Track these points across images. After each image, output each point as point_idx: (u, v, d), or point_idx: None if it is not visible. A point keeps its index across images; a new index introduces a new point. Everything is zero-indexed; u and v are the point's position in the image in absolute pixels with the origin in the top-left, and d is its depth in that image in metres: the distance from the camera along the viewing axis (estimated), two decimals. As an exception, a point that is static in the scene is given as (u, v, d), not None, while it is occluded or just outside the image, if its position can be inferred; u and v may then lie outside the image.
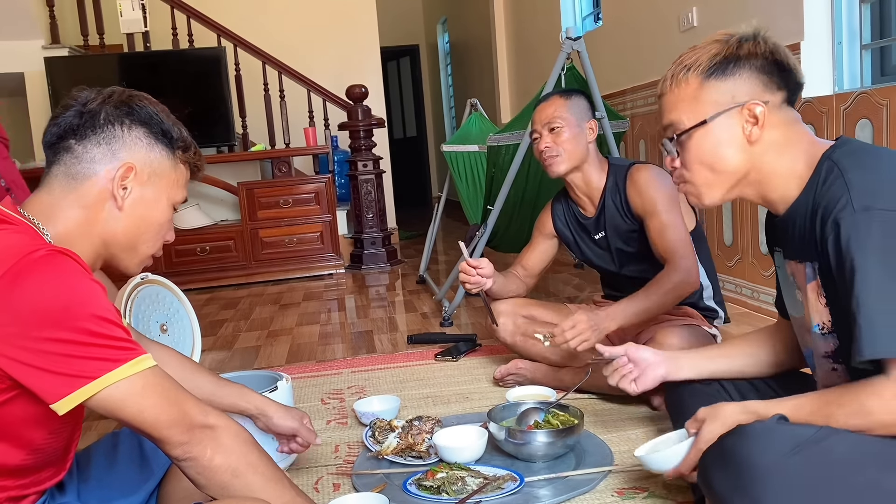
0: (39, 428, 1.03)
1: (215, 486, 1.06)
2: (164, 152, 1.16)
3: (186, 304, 2.05)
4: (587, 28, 5.14)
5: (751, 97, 1.21)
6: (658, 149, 3.86)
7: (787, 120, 1.23)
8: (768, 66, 1.22)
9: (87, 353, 0.95)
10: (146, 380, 1.00)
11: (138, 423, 1.01)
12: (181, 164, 1.19)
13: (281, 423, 1.53)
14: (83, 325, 0.95)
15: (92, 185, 1.10)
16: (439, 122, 9.98)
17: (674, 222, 2.09)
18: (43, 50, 4.90)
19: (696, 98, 1.23)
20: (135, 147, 1.13)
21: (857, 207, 1.09)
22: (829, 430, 1.08)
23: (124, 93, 1.15)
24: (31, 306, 0.93)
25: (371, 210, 5.12)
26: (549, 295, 3.75)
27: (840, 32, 2.64)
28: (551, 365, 2.26)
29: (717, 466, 1.11)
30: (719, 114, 1.22)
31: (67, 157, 1.10)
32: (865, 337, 1.05)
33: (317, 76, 5.43)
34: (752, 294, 3.09)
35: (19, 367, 0.93)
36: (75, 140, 1.10)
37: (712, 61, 1.22)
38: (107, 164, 1.11)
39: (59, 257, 0.98)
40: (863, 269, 1.06)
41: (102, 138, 1.11)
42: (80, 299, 0.96)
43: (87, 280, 0.98)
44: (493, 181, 3.30)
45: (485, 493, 1.53)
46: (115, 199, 1.11)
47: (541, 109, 2.27)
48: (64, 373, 0.94)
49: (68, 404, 0.95)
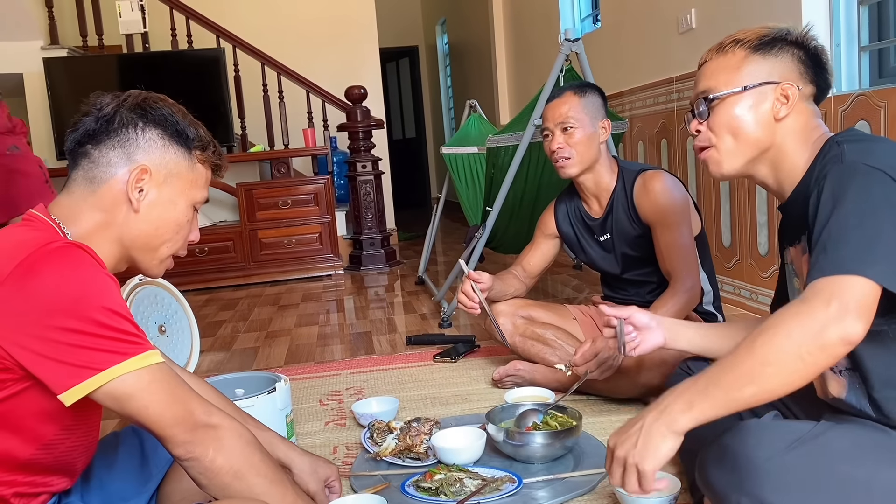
0: (51, 423, 1.04)
1: (217, 487, 1.06)
2: (180, 153, 1.17)
3: (185, 305, 2.05)
4: (586, 30, 5.14)
5: (787, 79, 1.27)
6: (656, 150, 3.87)
7: (811, 112, 1.30)
8: (807, 59, 1.29)
9: (96, 344, 0.97)
10: (153, 375, 1.01)
11: (143, 418, 1.01)
12: (199, 164, 1.20)
13: (302, 482, 1.39)
14: (94, 315, 0.96)
15: (109, 189, 1.12)
16: (438, 124, 9.98)
17: (683, 240, 2.09)
18: (42, 51, 4.91)
19: (737, 68, 1.30)
20: (150, 149, 1.14)
21: (846, 161, 1.13)
22: (826, 424, 1.09)
23: (140, 95, 1.17)
24: (44, 296, 0.95)
25: (370, 211, 5.12)
26: (548, 296, 3.75)
27: (838, 34, 2.64)
28: (550, 367, 2.26)
29: (715, 464, 1.11)
30: (756, 85, 1.28)
31: (85, 162, 1.13)
32: (831, 257, 1.04)
33: (316, 77, 5.43)
34: (751, 296, 3.09)
35: (30, 355, 0.95)
36: (92, 145, 1.13)
37: (761, 39, 1.30)
38: (122, 167, 1.13)
39: (73, 250, 1.00)
40: (839, 207, 1.08)
41: (117, 142, 1.13)
42: (92, 291, 0.98)
43: (100, 273, 1.01)
44: (493, 182, 3.30)
45: (483, 495, 1.53)
46: (130, 202, 1.13)
47: (554, 107, 2.21)
48: (72, 363, 0.96)
49: (75, 395, 0.96)
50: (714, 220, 3.33)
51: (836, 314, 1.00)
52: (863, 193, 1.07)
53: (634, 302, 2.32)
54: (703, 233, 2.24)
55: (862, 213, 1.06)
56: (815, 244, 1.09)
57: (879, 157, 1.11)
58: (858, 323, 1.00)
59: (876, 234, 1.03)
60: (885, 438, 1.10)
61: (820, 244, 1.07)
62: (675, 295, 2.05)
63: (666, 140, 3.77)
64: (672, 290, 2.07)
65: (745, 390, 1.04)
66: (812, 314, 1.01)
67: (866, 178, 1.08)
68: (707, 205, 3.38)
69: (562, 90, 2.27)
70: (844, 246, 1.04)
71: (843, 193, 1.08)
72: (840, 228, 1.06)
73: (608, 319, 1.67)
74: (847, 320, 1.00)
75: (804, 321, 1.02)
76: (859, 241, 1.03)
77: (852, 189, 1.08)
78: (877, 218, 1.04)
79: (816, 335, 1.00)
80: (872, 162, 1.10)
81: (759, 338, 1.05)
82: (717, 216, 3.31)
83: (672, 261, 2.09)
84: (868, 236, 1.03)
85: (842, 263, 1.02)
